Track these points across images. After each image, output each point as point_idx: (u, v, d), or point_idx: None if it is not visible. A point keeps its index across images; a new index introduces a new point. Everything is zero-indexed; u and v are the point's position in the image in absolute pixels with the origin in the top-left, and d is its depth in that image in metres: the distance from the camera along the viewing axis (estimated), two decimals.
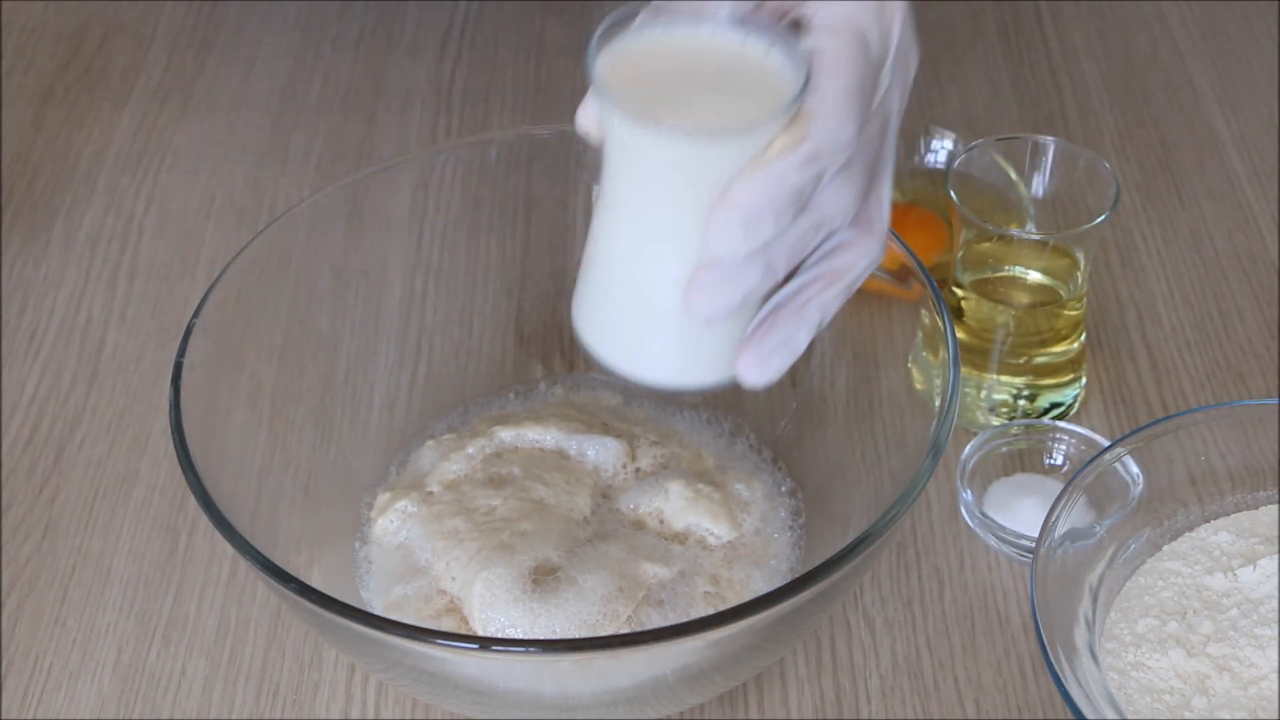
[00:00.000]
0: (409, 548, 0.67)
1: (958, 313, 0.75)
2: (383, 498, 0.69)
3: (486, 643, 0.56)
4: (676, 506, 0.67)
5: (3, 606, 0.70)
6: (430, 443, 0.72)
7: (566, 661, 0.56)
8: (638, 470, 0.70)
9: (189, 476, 0.58)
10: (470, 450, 0.70)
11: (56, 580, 0.72)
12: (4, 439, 0.77)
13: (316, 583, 0.57)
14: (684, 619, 0.63)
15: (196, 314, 0.64)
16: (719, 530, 0.67)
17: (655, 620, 0.63)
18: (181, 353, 0.62)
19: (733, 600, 0.64)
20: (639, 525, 0.67)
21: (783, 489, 0.71)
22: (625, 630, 0.62)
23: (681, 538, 0.67)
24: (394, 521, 0.67)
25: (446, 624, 0.64)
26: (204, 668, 0.68)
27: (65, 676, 0.68)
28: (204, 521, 0.71)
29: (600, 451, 0.70)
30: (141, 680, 0.68)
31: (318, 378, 0.71)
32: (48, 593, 0.71)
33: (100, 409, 0.79)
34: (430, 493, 0.69)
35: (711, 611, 0.63)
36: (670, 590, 0.64)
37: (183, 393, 0.61)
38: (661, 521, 0.67)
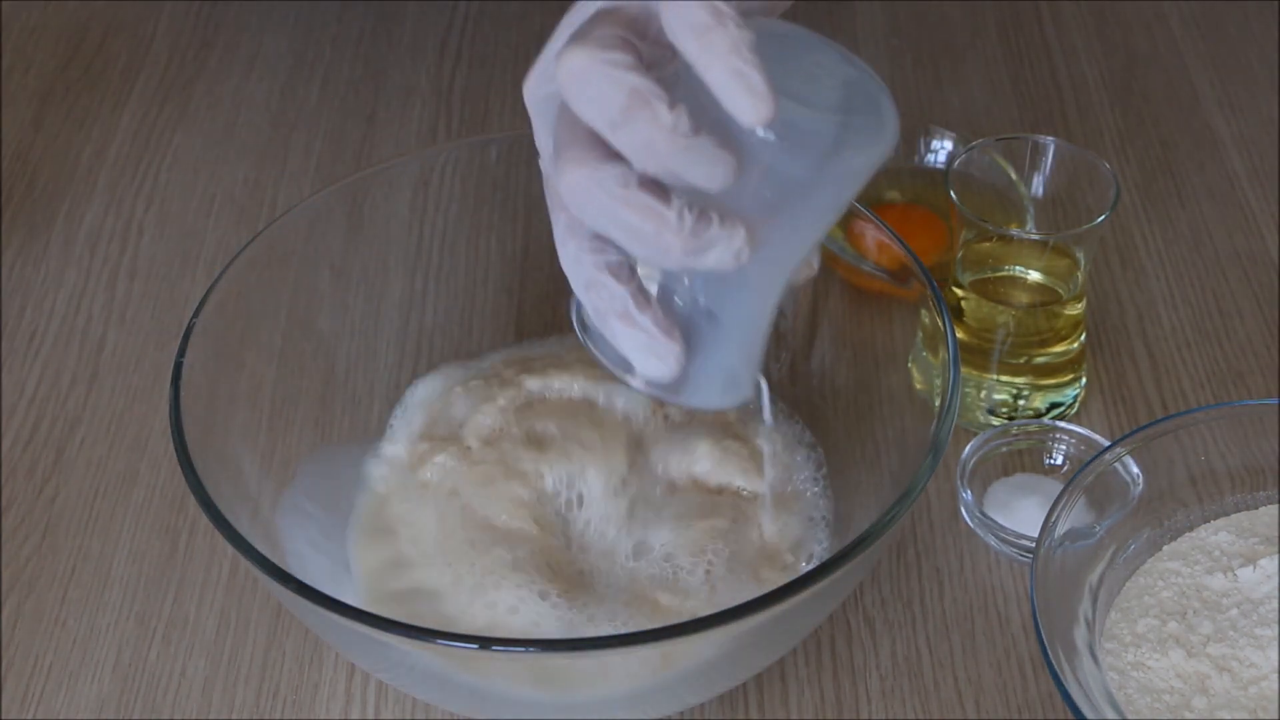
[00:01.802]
0: (458, 493, 0.68)
1: (958, 313, 0.75)
2: (421, 446, 0.69)
3: (486, 642, 0.56)
4: (706, 467, 0.68)
5: (3, 606, 0.70)
6: (459, 389, 0.72)
7: (566, 661, 0.56)
8: (666, 417, 0.70)
9: (189, 476, 0.58)
10: (501, 402, 0.70)
11: (56, 580, 0.72)
12: (4, 439, 0.77)
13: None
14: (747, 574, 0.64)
15: (196, 314, 0.64)
16: (750, 485, 0.67)
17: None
18: (181, 353, 0.62)
19: (775, 548, 0.66)
20: (672, 489, 0.68)
21: (803, 441, 0.71)
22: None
23: (718, 492, 0.68)
24: (433, 474, 0.68)
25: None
26: (204, 668, 0.68)
27: (65, 676, 0.68)
28: (204, 521, 0.70)
29: (629, 400, 0.70)
30: (141, 680, 0.68)
31: (318, 378, 0.71)
32: (48, 593, 0.71)
33: (100, 409, 0.79)
34: (469, 448, 0.69)
35: (765, 564, 0.64)
36: (733, 540, 0.65)
37: (183, 393, 0.61)
38: (695, 481, 0.68)
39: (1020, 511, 0.71)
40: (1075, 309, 0.74)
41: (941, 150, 0.87)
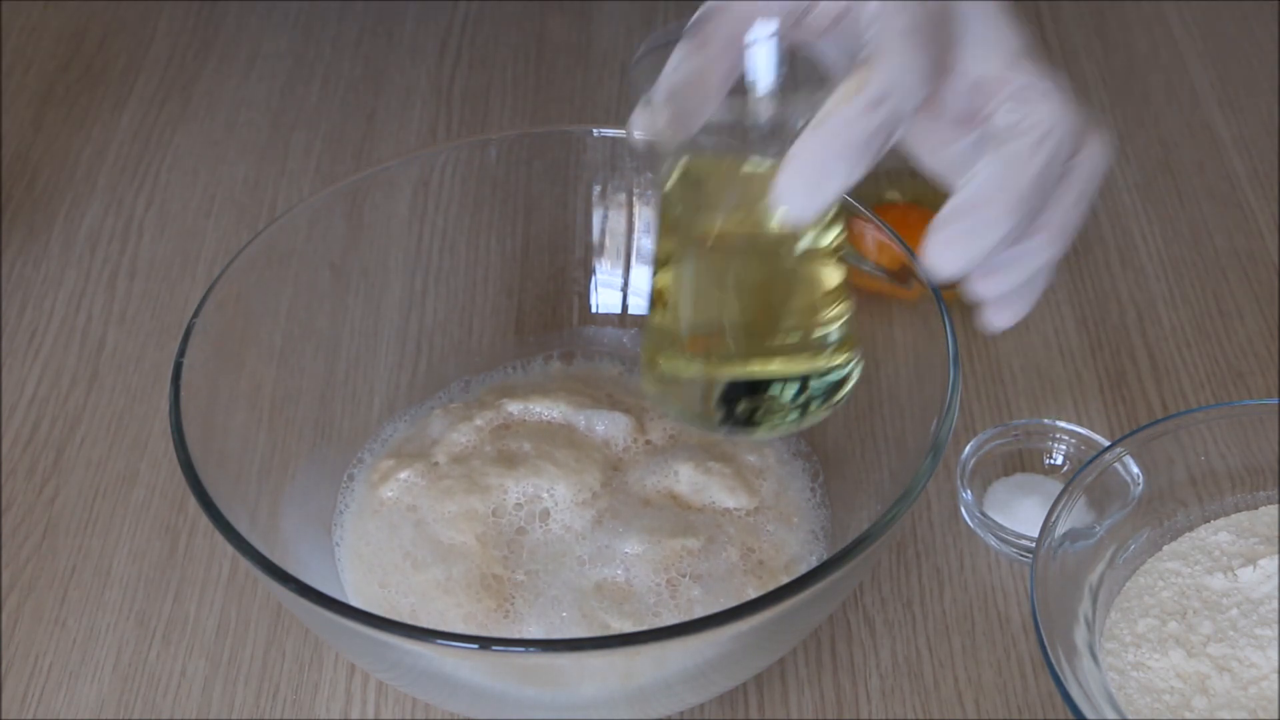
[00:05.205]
0: (417, 510, 0.67)
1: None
2: (386, 463, 0.69)
3: (487, 642, 0.56)
4: (687, 490, 0.67)
5: (3, 606, 0.70)
6: (438, 411, 0.72)
7: (566, 661, 0.56)
8: (647, 442, 0.70)
9: (189, 476, 0.58)
10: (478, 422, 0.70)
11: (56, 580, 0.72)
12: (4, 439, 0.77)
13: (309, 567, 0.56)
14: (726, 591, 0.63)
15: (196, 314, 0.64)
16: (737, 502, 0.67)
17: (698, 597, 0.63)
18: (181, 353, 0.62)
19: (771, 563, 0.65)
20: (647, 503, 0.67)
21: (795, 452, 0.71)
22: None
23: (700, 510, 0.67)
24: (394, 491, 0.68)
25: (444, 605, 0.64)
26: (204, 668, 0.68)
27: (65, 676, 0.68)
28: (204, 521, 0.71)
29: (609, 426, 0.70)
30: (141, 680, 0.68)
31: (318, 378, 0.71)
32: (48, 593, 0.71)
33: (100, 409, 0.79)
34: (436, 464, 0.69)
35: (753, 580, 0.63)
36: (706, 559, 0.64)
37: (183, 393, 0.61)
38: (674, 498, 0.67)
39: (1020, 511, 0.71)
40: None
41: None
